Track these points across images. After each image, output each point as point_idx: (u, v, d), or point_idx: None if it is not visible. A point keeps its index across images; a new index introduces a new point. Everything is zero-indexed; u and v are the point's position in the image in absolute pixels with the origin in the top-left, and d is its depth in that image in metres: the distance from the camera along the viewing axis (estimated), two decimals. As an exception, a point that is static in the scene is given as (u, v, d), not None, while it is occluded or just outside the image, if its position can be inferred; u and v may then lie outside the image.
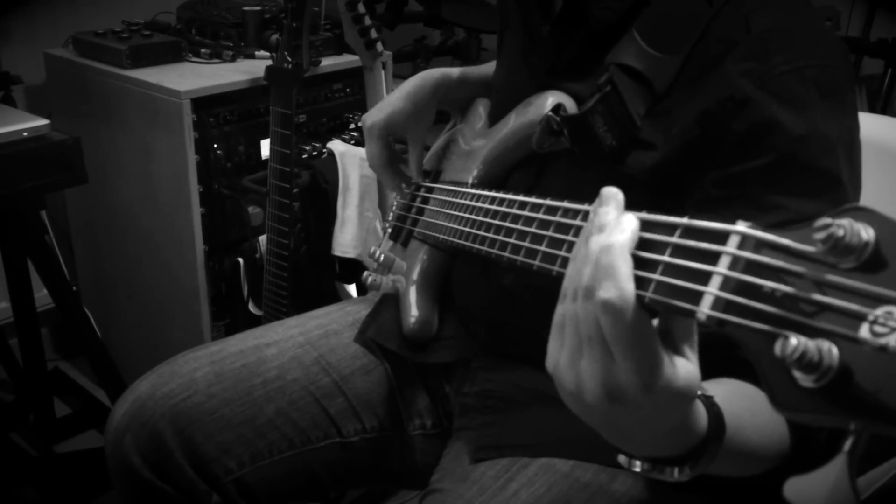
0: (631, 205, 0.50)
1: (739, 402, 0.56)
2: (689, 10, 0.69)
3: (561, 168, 0.78)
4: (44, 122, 1.34)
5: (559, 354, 0.50)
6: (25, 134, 1.31)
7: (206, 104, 1.56)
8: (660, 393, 0.45)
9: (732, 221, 0.43)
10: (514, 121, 0.83)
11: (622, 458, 0.53)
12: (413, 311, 0.91)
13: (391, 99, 0.95)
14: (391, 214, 1.01)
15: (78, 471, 1.68)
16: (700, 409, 0.52)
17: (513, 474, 0.77)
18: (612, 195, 0.49)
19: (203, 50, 1.72)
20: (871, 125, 0.71)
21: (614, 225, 0.47)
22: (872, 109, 2.45)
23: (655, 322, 0.47)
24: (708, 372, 0.53)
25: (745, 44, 0.66)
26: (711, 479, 0.55)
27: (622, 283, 0.44)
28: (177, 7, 1.88)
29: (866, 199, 0.68)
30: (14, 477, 1.66)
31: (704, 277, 0.43)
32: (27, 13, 1.87)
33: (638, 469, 0.53)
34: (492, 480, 0.77)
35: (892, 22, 2.59)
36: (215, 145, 1.59)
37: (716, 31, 0.68)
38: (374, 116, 0.95)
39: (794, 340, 0.36)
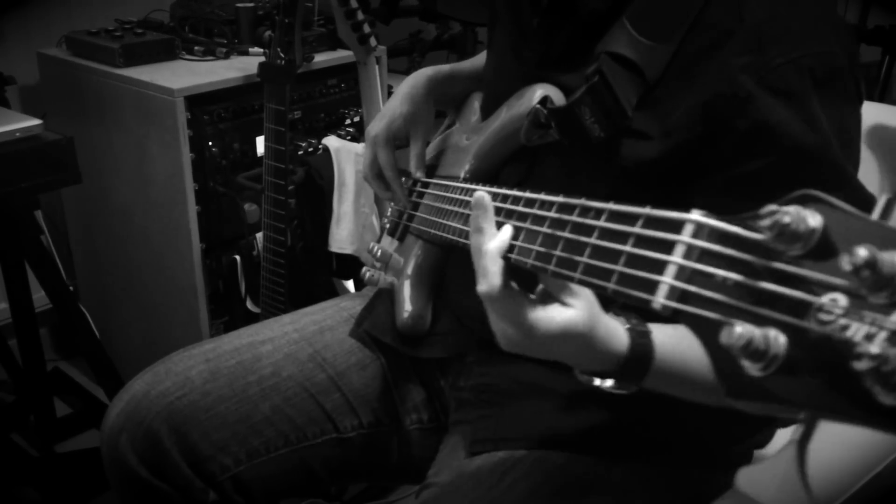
0: (627, 197, 0.50)
1: (690, 340, 0.59)
2: None
3: (553, 161, 0.78)
4: (37, 122, 1.34)
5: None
6: (18, 134, 1.30)
7: (201, 102, 1.56)
8: (546, 334, 0.59)
9: (688, 210, 0.43)
10: (504, 114, 0.82)
11: (576, 373, 0.65)
12: (407, 306, 0.91)
13: (389, 105, 0.96)
14: (389, 210, 1.01)
15: (79, 470, 1.68)
16: (621, 337, 0.62)
17: (508, 467, 0.77)
18: (480, 200, 0.61)
19: (197, 47, 1.72)
20: (868, 113, 0.70)
21: (493, 233, 0.60)
22: (870, 97, 2.44)
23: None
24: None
25: (741, 35, 0.65)
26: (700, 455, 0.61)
27: (491, 280, 0.59)
28: (170, 5, 1.87)
29: (872, 186, 0.68)
30: (15, 477, 1.67)
31: (661, 266, 0.43)
32: (20, 13, 1.86)
33: (581, 378, 0.65)
34: (488, 473, 0.77)
35: (890, 9, 2.58)
36: (210, 143, 1.59)
37: (708, 18, 0.67)
38: (375, 127, 0.95)
39: (740, 328, 0.36)
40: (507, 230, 0.60)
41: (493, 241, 0.60)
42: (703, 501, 0.77)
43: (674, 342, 0.63)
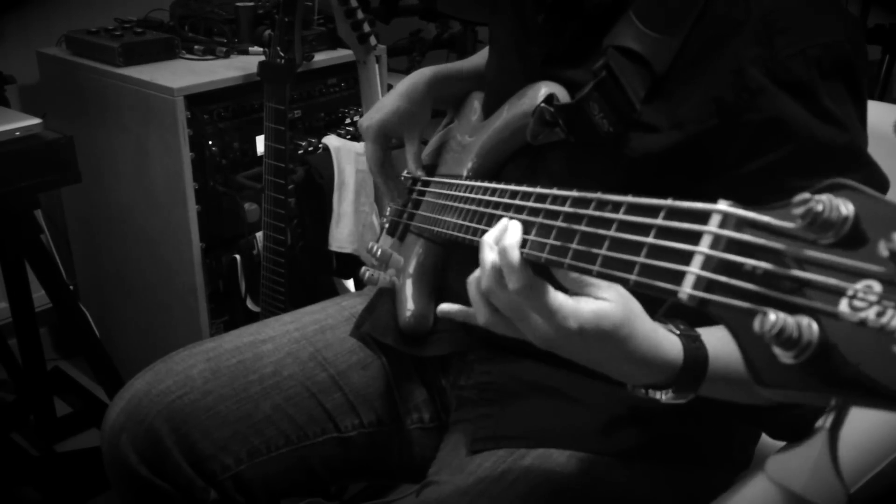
0: (634, 189, 0.50)
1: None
2: None
3: (556, 156, 0.78)
4: (36, 121, 1.34)
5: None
6: (18, 133, 1.30)
7: (200, 101, 1.56)
8: (578, 326, 0.56)
9: (715, 201, 0.43)
10: (507, 113, 0.82)
11: (628, 387, 0.63)
12: (409, 305, 0.91)
13: (386, 100, 0.96)
14: (388, 210, 1.01)
15: (79, 470, 1.68)
16: (673, 345, 0.60)
17: (509, 465, 0.77)
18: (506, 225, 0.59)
19: (196, 47, 1.72)
20: (868, 112, 0.71)
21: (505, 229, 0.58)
22: (870, 96, 2.44)
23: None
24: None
25: (748, 26, 0.66)
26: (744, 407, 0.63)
27: (519, 273, 0.56)
28: (170, 4, 1.87)
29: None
30: (15, 477, 1.67)
31: (686, 257, 0.43)
32: (20, 12, 1.86)
33: (634, 392, 0.62)
34: (488, 471, 0.77)
35: (890, 8, 2.58)
36: (210, 142, 1.59)
37: (715, 10, 0.67)
38: (369, 118, 0.95)
39: (773, 316, 0.36)
40: (515, 225, 0.58)
41: (507, 238, 0.57)
42: (704, 500, 0.77)
43: (721, 344, 0.61)
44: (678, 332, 0.61)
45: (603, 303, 0.57)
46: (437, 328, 0.92)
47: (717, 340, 0.61)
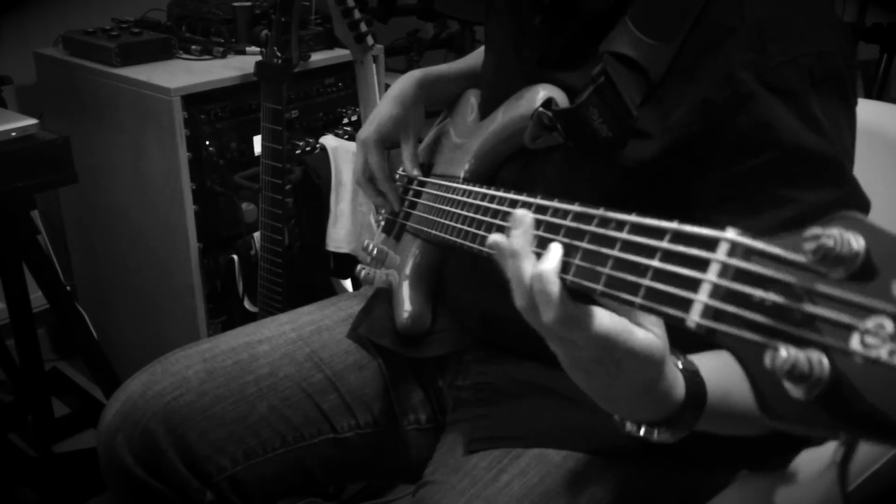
0: (627, 196, 0.50)
1: (730, 370, 0.58)
2: None
3: (552, 161, 0.78)
4: (33, 121, 1.34)
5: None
6: (14, 134, 1.30)
7: (197, 101, 1.56)
8: (626, 351, 0.52)
9: (723, 228, 0.42)
10: (504, 115, 0.82)
11: (616, 419, 0.60)
12: (406, 306, 0.91)
13: (379, 109, 0.96)
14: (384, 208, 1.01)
15: (77, 470, 1.68)
16: (678, 380, 0.57)
17: (505, 465, 0.77)
18: (522, 219, 0.54)
19: (193, 47, 1.72)
20: (866, 111, 0.71)
21: (528, 253, 0.53)
22: (868, 95, 2.44)
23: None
24: (705, 345, 0.58)
25: (742, 32, 0.65)
26: (725, 439, 0.62)
27: (557, 304, 0.50)
28: (167, 4, 1.87)
29: (863, 185, 0.68)
30: (13, 477, 1.66)
31: (694, 284, 0.42)
32: (17, 13, 1.86)
33: (628, 429, 0.59)
34: (484, 471, 0.77)
35: (888, 7, 2.58)
36: (207, 142, 1.58)
37: (710, 17, 0.67)
38: (366, 131, 0.96)
39: (784, 353, 0.36)
40: (558, 249, 0.52)
41: (546, 262, 0.51)
42: (699, 500, 0.77)
43: (715, 376, 0.60)
44: (680, 367, 0.58)
45: (653, 336, 0.53)
46: (433, 329, 0.92)
47: (710, 372, 0.60)
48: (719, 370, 0.60)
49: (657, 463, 0.78)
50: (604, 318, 0.51)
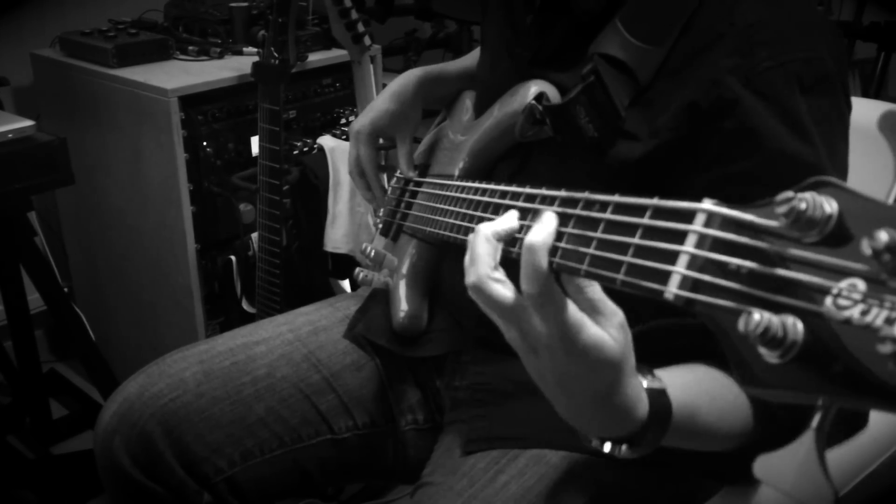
0: (618, 193, 0.50)
1: (699, 389, 0.59)
2: (673, 1, 0.69)
3: (546, 158, 0.78)
4: (29, 123, 1.33)
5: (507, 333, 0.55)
6: (11, 135, 1.30)
7: (195, 102, 1.55)
8: (581, 344, 0.51)
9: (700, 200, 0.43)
10: (497, 111, 0.82)
11: (581, 435, 0.58)
12: (402, 306, 0.91)
13: (375, 103, 0.96)
14: (381, 210, 1.01)
15: (75, 472, 1.68)
16: (642, 398, 0.56)
17: (503, 466, 0.77)
18: (549, 220, 0.52)
19: (190, 47, 1.72)
20: (865, 109, 0.70)
21: (536, 223, 0.52)
22: (866, 93, 2.44)
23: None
24: (676, 358, 0.61)
25: (730, 37, 0.65)
26: (688, 453, 0.61)
27: (540, 277, 0.49)
28: (164, 5, 1.87)
29: (860, 184, 0.68)
30: (11, 480, 1.66)
31: (672, 257, 0.43)
32: (13, 14, 1.86)
33: (593, 445, 0.58)
34: (482, 472, 0.77)
35: (885, 6, 2.58)
36: (204, 143, 1.58)
37: (700, 22, 0.67)
38: (360, 122, 0.96)
39: (758, 316, 0.36)
40: (551, 217, 0.51)
41: (538, 233, 0.50)
42: (697, 501, 0.77)
43: (685, 395, 0.58)
44: (645, 385, 0.57)
45: (605, 335, 0.52)
46: (430, 329, 0.92)
47: (679, 390, 0.58)
48: (689, 387, 0.59)
49: (654, 464, 0.78)
50: (570, 306, 0.51)
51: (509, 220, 0.55)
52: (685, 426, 0.58)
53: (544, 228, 0.50)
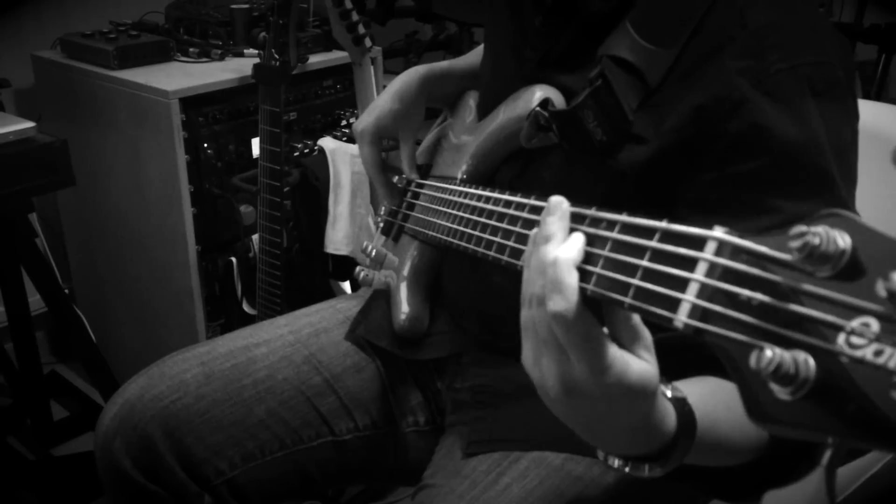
0: (622, 199, 0.49)
1: (715, 400, 0.57)
2: (683, 2, 0.68)
3: (549, 163, 0.78)
4: (30, 124, 1.33)
5: (527, 353, 0.53)
6: (12, 137, 1.30)
7: (195, 104, 1.55)
8: (613, 387, 0.48)
9: (711, 227, 0.42)
10: (502, 115, 0.82)
11: (600, 454, 0.56)
12: (404, 308, 0.91)
13: (379, 101, 0.95)
14: (382, 209, 1.01)
15: (76, 474, 1.68)
16: (669, 411, 0.54)
17: (504, 468, 0.77)
18: (558, 205, 0.51)
19: (191, 49, 1.72)
20: (864, 112, 0.70)
21: (561, 238, 0.50)
22: (866, 95, 2.44)
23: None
24: (688, 370, 0.59)
25: (741, 40, 0.65)
26: (699, 469, 0.58)
27: (569, 296, 0.47)
28: (165, 6, 1.87)
29: (861, 186, 0.68)
30: (12, 481, 1.66)
31: (682, 284, 0.42)
32: (14, 15, 1.86)
33: (614, 465, 0.55)
34: (483, 475, 0.77)
35: (885, 7, 2.59)
36: (205, 145, 1.58)
37: (710, 25, 0.67)
38: (363, 121, 0.95)
39: (769, 353, 0.35)
40: (579, 237, 0.49)
41: (567, 250, 0.49)
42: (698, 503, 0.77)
43: (703, 405, 0.56)
44: (668, 395, 0.55)
45: (647, 365, 0.50)
46: (432, 330, 0.92)
47: (697, 399, 0.57)
48: (706, 398, 0.58)
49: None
50: (611, 346, 0.48)
51: (579, 244, 0.50)
52: (707, 437, 0.56)
53: (572, 246, 0.49)
